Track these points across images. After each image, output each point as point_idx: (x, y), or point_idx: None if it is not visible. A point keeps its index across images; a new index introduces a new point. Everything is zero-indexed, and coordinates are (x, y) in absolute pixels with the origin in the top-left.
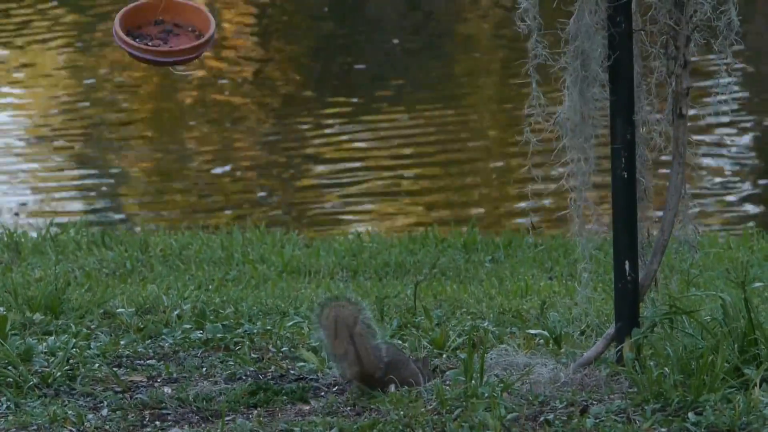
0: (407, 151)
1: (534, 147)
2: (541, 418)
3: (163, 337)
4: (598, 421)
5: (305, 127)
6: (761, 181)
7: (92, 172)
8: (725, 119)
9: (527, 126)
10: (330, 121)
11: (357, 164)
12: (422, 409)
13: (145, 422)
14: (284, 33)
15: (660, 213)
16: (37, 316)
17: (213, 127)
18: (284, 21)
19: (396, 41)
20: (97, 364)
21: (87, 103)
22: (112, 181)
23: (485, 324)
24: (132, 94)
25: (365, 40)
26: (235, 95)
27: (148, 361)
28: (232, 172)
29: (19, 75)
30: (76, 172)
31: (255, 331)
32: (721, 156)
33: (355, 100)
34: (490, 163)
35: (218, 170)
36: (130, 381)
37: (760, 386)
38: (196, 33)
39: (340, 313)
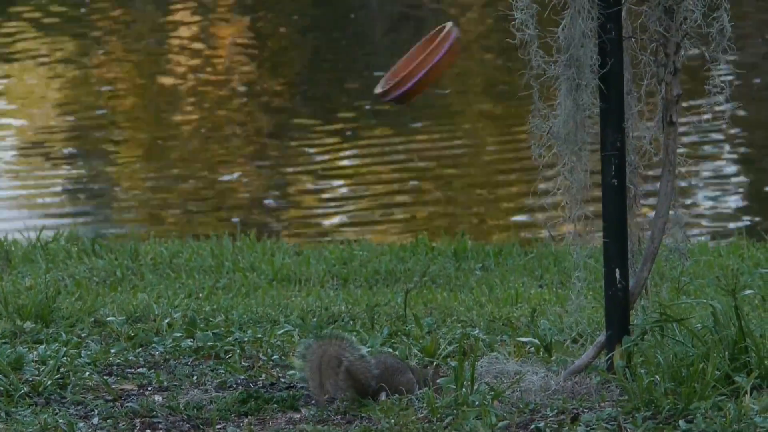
0: (406, 162)
1: (539, 158)
2: (532, 426)
3: (154, 345)
4: (588, 428)
5: (313, 136)
6: (752, 189)
7: (92, 185)
8: (716, 127)
9: (534, 138)
10: (335, 127)
11: (353, 175)
12: (413, 418)
13: (135, 431)
14: (289, 48)
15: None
16: (28, 325)
17: (219, 136)
18: (285, 36)
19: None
20: (87, 373)
21: (92, 114)
22: (111, 189)
23: (476, 332)
24: (137, 102)
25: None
26: (243, 108)
27: (138, 370)
28: (239, 179)
29: (11, 86)
30: (72, 180)
31: (245, 339)
32: (712, 163)
33: (367, 107)
34: (483, 174)
35: (226, 177)
36: (121, 389)
37: (751, 394)
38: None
39: (326, 351)
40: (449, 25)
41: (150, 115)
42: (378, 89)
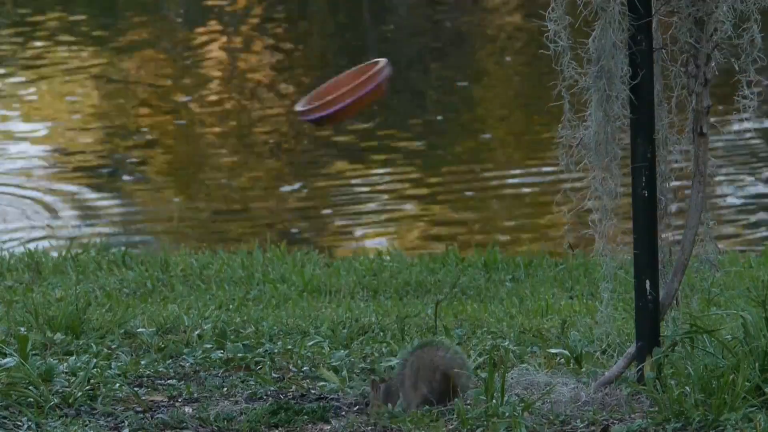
0: (435, 171)
1: (567, 167)
2: None
3: (184, 356)
4: None
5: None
6: None
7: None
8: (747, 137)
9: (562, 148)
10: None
11: (383, 188)
12: (443, 429)
13: None
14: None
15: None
16: (58, 336)
17: (273, 148)
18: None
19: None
20: (117, 384)
21: (141, 133)
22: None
23: (506, 343)
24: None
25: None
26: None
27: (168, 381)
28: (300, 190)
29: (40, 99)
30: (107, 191)
31: (276, 350)
32: (743, 173)
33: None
34: (513, 183)
35: (287, 188)
36: (151, 401)
37: None
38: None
39: (430, 357)
40: (383, 61)
41: (197, 125)
42: (299, 107)
